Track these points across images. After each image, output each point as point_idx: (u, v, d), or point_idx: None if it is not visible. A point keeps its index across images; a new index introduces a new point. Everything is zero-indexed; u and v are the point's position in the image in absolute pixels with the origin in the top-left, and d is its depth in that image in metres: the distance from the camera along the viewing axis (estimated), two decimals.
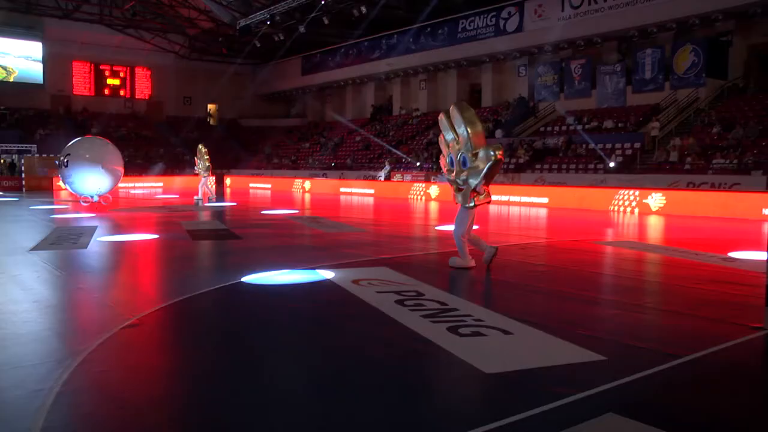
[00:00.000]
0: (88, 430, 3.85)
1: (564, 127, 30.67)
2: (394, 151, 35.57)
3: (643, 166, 25.24)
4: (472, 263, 9.15)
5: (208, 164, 22.83)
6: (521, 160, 29.23)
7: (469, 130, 8.43)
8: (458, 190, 8.92)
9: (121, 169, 19.27)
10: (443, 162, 9.25)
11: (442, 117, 8.92)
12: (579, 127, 29.14)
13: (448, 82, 39.92)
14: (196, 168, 23.23)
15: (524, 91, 35.22)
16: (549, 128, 31.72)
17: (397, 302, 6.83)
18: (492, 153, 8.31)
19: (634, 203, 19.88)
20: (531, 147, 29.83)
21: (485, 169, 8.37)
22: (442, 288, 7.63)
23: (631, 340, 5.53)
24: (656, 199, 19.37)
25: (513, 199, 23.38)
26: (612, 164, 25.43)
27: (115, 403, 4.26)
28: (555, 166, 27.71)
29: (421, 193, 26.99)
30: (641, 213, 19.38)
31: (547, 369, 4.74)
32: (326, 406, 4.19)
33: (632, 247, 12.04)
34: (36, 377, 4.68)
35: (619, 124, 28.75)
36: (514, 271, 9.43)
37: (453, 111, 8.62)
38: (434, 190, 26.45)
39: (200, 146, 22.99)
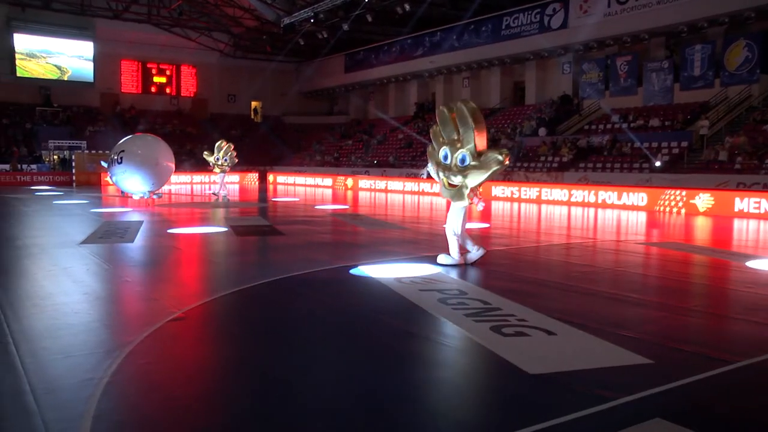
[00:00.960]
0: (135, 419, 3.95)
1: (609, 126, 30.14)
2: None
3: (690, 166, 24.66)
4: (461, 260, 9.18)
5: (235, 159, 22.65)
6: (565, 159, 28.84)
7: (476, 131, 8.45)
8: (450, 186, 8.91)
9: (173, 166, 19.35)
10: (432, 153, 9.13)
11: (444, 110, 8.88)
12: (624, 126, 28.61)
13: (492, 80, 39.61)
14: (211, 163, 22.94)
15: (568, 89, 34.73)
16: (593, 126, 31.23)
17: (440, 300, 6.83)
18: (500, 157, 8.39)
19: (680, 203, 19.47)
20: (575, 145, 29.42)
21: (490, 171, 8.45)
22: (485, 287, 7.58)
23: (678, 344, 5.42)
24: (704, 200, 18.92)
25: (556, 198, 23.11)
26: (658, 163, 24.91)
27: (161, 393, 4.36)
28: (599, 165, 27.26)
29: None
30: (688, 214, 18.96)
31: (591, 371, 4.68)
32: (367, 405, 4.20)
33: (679, 248, 11.79)
34: (86, 367, 4.82)
35: (666, 123, 28.15)
36: (558, 272, 9.33)
37: (461, 109, 8.54)
38: None
39: (220, 142, 22.91)
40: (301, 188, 35.49)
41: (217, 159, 22.59)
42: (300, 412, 3.99)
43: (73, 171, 35.28)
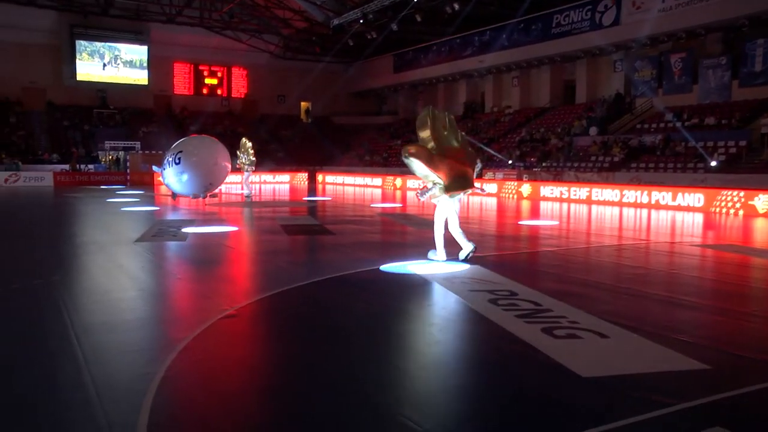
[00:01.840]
0: (189, 414, 4.04)
1: (662, 124, 29.45)
2: (486, 149, 35.21)
3: (748, 165, 23.91)
4: (444, 256, 9.43)
5: (252, 159, 22.68)
6: (616, 159, 28.30)
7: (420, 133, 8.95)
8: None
9: (229, 166, 19.37)
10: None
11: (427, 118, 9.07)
12: (678, 124, 27.91)
13: (541, 79, 39.14)
14: (237, 162, 22.90)
15: (620, 87, 34.04)
16: (646, 125, 30.53)
17: (491, 301, 6.79)
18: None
19: (738, 204, 18.91)
20: (626, 145, 28.84)
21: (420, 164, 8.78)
22: (536, 288, 7.50)
23: (737, 350, 5.27)
24: (764, 201, 18.34)
25: (607, 198, 22.71)
26: (714, 163, 24.23)
27: (214, 389, 4.45)
28: (651, 165, 26.65)
29: (513, 191, 26.63)
30: (746, 215, 18.41)
31: (646, 376, 4.59)
32: (413, 405, 4.21)
33: (736, 250, 11.46)
34: (142, 362, 4.97)
35: (723, 121, 27.32)
36: (609, 273, 9.18)
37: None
38: (526, 188, 26.05)
39: (244, 140, 23.01)
40: (350, 188, 35.67)
41: (241, 158, 22.72)
42: (348, 411, 4.02)
43: (128, 171, 36.23)
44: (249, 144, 22.79)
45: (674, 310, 6.78)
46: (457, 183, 8.96)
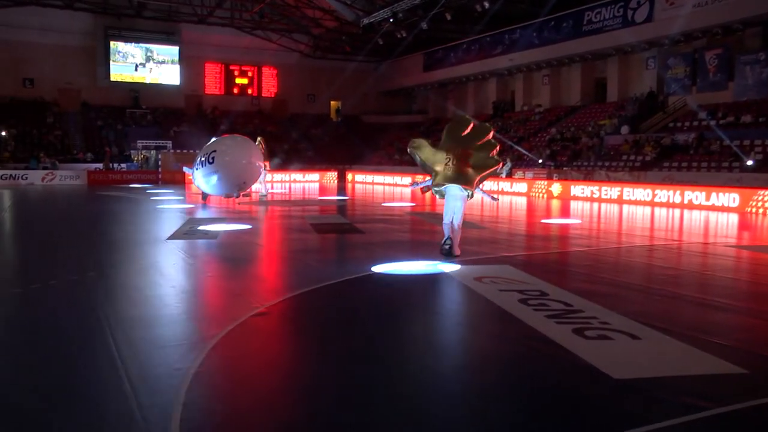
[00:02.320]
0: (222, 409, 4.08)
1: (695, 123, 28.98)
2: (516, 147, 35.00)
3: None
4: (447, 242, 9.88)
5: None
6: (648, 158, 27.92)
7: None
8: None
9: (262, 166, 19.31)
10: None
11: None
12: (712, 122, 27.43)
13: (572, 77, 38.77)
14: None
15: (653, 85, 33.56)
16: (678, 124, 30.06)
17: (521, 301, 6.76)
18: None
19: None
20: (658, 144, 28.44)
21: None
22: (566, 288, 7.44)
23: None
24: None
25: (639, 198, 22.42)
26: (750, 162, 23.77)
27: (246, 385, 4.50)
28: (684, 164, 26.23)
29: (543, 190, 26.43)
30: None
31: (680, 378, 4.53)
32: (446, 403, 4.21)
33: None
34: (175, 357, 5.05)
35: (760, 119, 26.75)
36: (641, 274, 9.08)
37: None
38: (556, 187, 25.83)
39: (259, 139, 23.13)
40: (380, 187, 35.69)
41: None
42: (379, 410, 4.04)
43: (159, 169, 36.73)
44: (262, 143, 22.99)
45: (708, 312, 6.68)
46: (443, 179, 9.49)
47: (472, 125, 9.75)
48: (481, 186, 9.82)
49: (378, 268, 8.79)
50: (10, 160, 37.44)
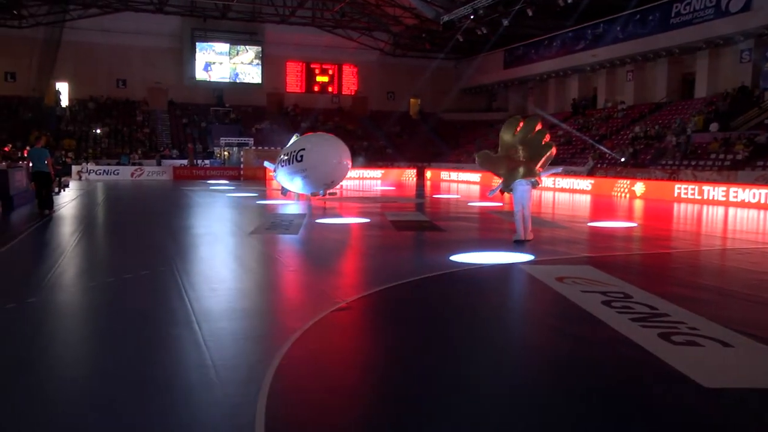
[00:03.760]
0: (306, 402, 4.15)
1: None
2: (598, 146, 34.13)
3: None
4: (521, 236, 10.98)
5: None
6: (739, 157, 26.64)
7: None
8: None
9: (350, 164, 19.35)
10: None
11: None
12: None
13: (657, 72, 37.40)
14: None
15: (747, 79, 31.94)
16: None
17: (604, 303, 6.60)
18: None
19: None
20: (751, 142, 27.09)
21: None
22: (651, 291, 7.21)
23: None
24: None
25: (730, 198, 21.46)
26: None
27: (329, 379, 4.57)
28: None
29: (626, 189, 25.68)
30: None
31: None
32: (528, 407, 4.16)
33: None
34: (259, 349, 5.21)
35: None
36: (733, 278, 8.69)
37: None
38: (639, 187, 25.05)
39: (295, 136, 23.24)
40: (462, 185, 35.50)
41: None
42: (460, 410, 4.03)
43: (241, 166, 37.73)
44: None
45: None
46: (511, 177, 10.77)
47: (521, 123, 10.88)
48: (542, 172, 11.15)
49: (458, 266, 8.77)
50: (103, 156, 39.42)
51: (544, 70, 43.87)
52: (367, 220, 15.33)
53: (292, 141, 20.66)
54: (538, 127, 10.92)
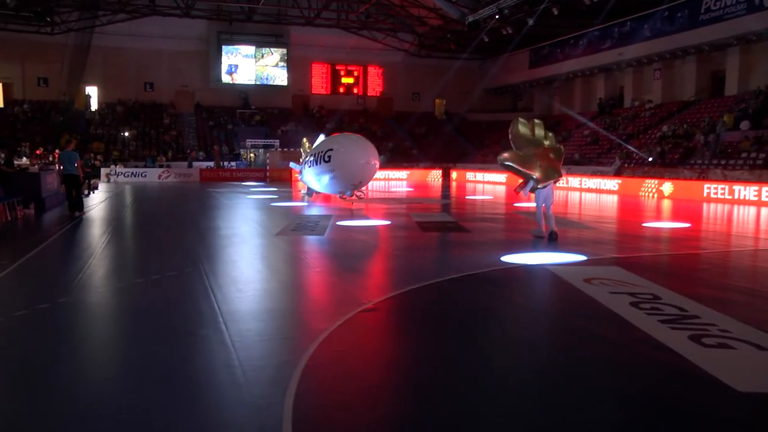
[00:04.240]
0: (332, 402, 4.17)
1: None
2: (625, 145, 33.76)
3: None
4: (542, 232, 11.67)
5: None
6: None
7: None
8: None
9: (378, 164, 19.23)
10: None
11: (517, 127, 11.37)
12: None
13: (686, 71, 36.86)
14: (291, 164, 23.76)
15: None
16: None
17: (632, 304, 6.52)
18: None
19: None
20: None
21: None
22: (680, 292, 7.11)
23: None
24: None
25: (763, 198, 21.06)
26: None
27: (355, 380, 4.58)
28: None
29: (653, 189, 25.37)
30: None
31: None
32: (553, 409, 4.12)
33: None
34: (286, 349, 5.24)
35: None
36: (766, 280, 8.53)
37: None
38: (668, 186, 24.72)
39: (304, 140, 23.35)
40: (488, 186, 35.35)
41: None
42: (481, 410, 4.00)
43: (267, 167, 37.98)
44: (308, 144, 23.34)
45: None
46: (548, 175, 11.08)
47: (532, 124, 11.37)
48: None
49: (484, 267, 8.72)
50: (131, 159, 39.97)
51: (570, 70, 43.50)
52: (393, 221, 15.32)
53: (318, 141, 20.70)
54: (542, 125, 11.66)
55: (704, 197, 22.89)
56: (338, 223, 14.59)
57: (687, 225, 14.79)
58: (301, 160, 22.92)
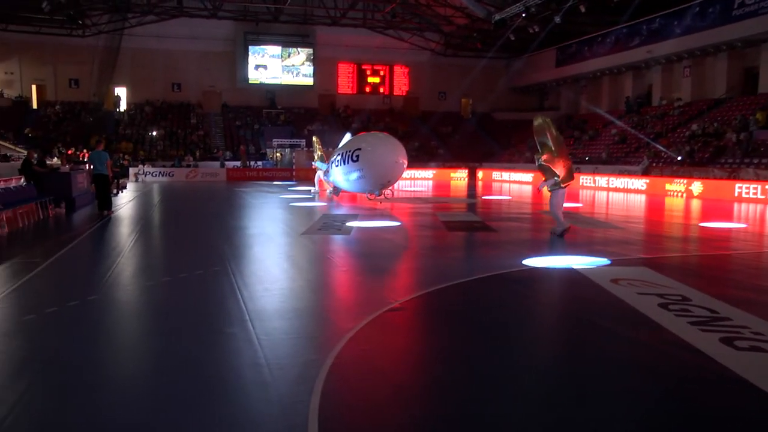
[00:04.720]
0: (359, 401, 4.18)
1: None
2: (653, 144, 33.34)
3: None
4: (567, 225, 11.82)
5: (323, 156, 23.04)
6: None
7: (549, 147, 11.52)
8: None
9: (406, 163, 19.17)
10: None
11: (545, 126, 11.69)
12: None
13: (717, 68, 36.18)
14: (314, 163, 23.85)
15: None
16: None
17: (661, 306, 6.43)
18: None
19: None
20: None
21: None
22: (710, 294, 7.00)
23: None
24: None
25: None
26: None
27: (382, 379, 4.58)
28: None
29: (682, 189, 25.00)
30: None
31: None
32: (577, 408, 4.08)
33: None
34: (312, 348, 5.25)
35: None
36: None
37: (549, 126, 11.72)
38: (697, 186, 24.35)
39: (315, 138, 23.39)
40: (514, 185, 35.13)
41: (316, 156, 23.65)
42: (506, 409, 3.98)
43: (293, 167, 38.16)
44: (318, 143, 23.52)
45: None
46: (569, 175, 11.66)
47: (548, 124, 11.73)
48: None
49: (510, 268, 8.67)
50: (158, 159, 40.46)
51: (598, 68, 43.08)
52: (419, 221, 15.30)
53: (344, 140, 20.75)
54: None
55: (735, 197, 22.50)
56: (364, 222, 14.61)
57: (743, 225, 14.57)
58: (314, 159, 23.26)
